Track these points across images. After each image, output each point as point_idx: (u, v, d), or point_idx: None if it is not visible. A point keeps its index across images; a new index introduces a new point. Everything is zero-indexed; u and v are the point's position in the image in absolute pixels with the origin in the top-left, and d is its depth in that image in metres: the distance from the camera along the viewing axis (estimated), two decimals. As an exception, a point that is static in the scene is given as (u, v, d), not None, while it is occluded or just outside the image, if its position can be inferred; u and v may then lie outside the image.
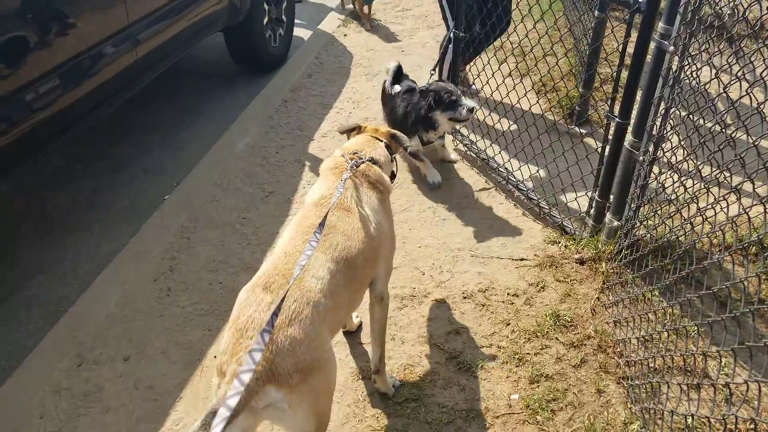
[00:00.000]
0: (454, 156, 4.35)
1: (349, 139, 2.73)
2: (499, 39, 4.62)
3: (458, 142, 4.45)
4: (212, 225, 3.64)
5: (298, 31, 6.33)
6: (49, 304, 3.20)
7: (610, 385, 2.65)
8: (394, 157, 2.68)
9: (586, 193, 3.52)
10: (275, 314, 1.66)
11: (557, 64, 3.97)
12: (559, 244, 3.48)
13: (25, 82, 2.96)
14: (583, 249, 3.37)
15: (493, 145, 4.22)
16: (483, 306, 3.09)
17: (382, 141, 2.62)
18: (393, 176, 2.68)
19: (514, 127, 4.25)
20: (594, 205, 3.41)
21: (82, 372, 2.74)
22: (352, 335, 2.93)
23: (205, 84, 5.46)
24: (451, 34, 4.17)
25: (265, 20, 5.35)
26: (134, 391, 2.66)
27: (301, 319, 1.83)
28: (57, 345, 2.86)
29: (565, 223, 3.56)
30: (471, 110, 3.82)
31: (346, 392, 2.66)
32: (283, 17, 5.71)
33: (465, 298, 3.15)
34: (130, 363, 2.79)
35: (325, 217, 2.04)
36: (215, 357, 2.76)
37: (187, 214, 3.71)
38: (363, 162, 2.44)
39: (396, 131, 2.71)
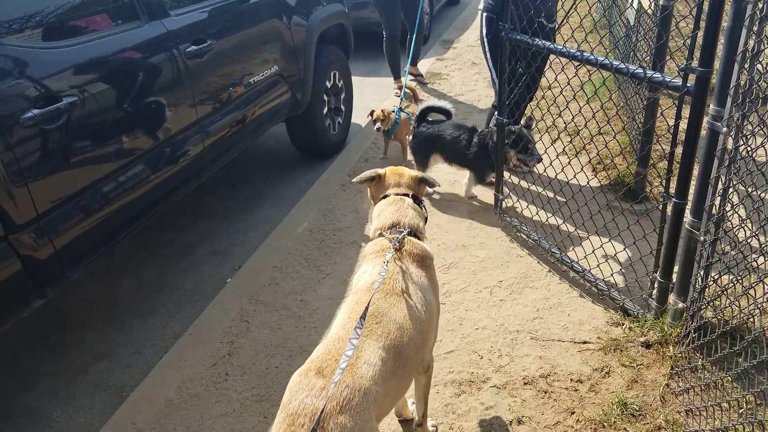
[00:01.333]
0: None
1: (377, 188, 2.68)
2: (550, 118, 4.70)
3: (507, 223, 4.42)
4: (271, 308, 3.69)
5: (356, 118, 6.59)
6: (113, 389, 3.29)
7: (686, 483, 2.46)
8: (422, 202, 2.65)
9: (647, 274, 3.40)
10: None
11: (615, 138, 3.95)
12: (623, 326, 3.34)
13: (100, 176, 3.18)
14: (648, 332, 3.22)
15: (545, 224, 4.18)
16: (545, 393, 2.96)
17: (408, 194, 2.58)
18: (425, 220, 2.65)
19: (568, 203, 4.20)
20: (656, 285, 3.29)
21: (140, 459, 2.76)
22: (408, 423, 2.85)
23: (269, 170, 5.71)
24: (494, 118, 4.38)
25: (325, 110, 5.61)
26: (190, 480, 2.65)
27: (351, 407, 1.81)
28: None
29: (626, 305, 3.43)
30: (539, 160, 4.37)
31: (403, 485, 2.56)
32: (342, 107, 5.98)
33: (526, 384, 3.03)
34: (187, 450, 2.80)
35: (367, 308, 2.03)
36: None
37: (247, 297, 3.79)
38: (403, 236, 2.40)
39: (425, 175, 2.69)
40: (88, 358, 3.51)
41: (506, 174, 4.59)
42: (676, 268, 3.11)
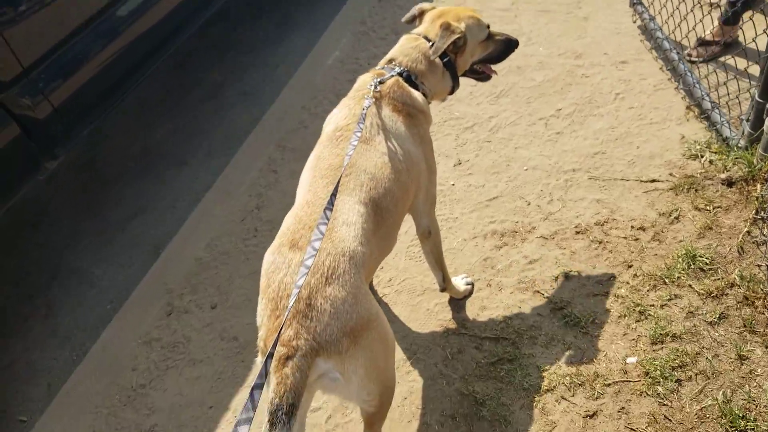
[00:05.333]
0: None
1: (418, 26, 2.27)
2: None
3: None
4: (299, 155, 3.40)
5: None
6: (149, 245, 3.23)
7: (755, 350, 2.12)
8: (449, 61, 2.15)
9: (749, 90, 2.78)
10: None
11: None
12: (702, 159, 2.81)
13: (91, 15, 2.82)
14: (732, 166, 2.69)
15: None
16: (600, 243, 2.61)
17: (429, 40, 2.13)
18: (452, 90, 2.23)
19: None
20: (753, 107, 2.68)
21: (171, 322, 2.74)
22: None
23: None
24: None
25: None
26: (219, 342, 2.61)
27: (338, 275, 1.58)
28: (150, 292, 2.89)
29: (723, 128, 2.85)
30: None
31: (434, 348, 2.40)
32: None
33: (578, 233, 2.67)
34: (217, 311, 2.74)
35: (337, 186, 1.70)
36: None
37: (274, 144, 3.51)
38: (391, 77, 2.03)
39: (450, 22, 2.10)
40: (125, 215, 3.44)
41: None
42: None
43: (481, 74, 2.36)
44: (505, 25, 3.95)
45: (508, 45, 2.33)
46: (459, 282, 2.52)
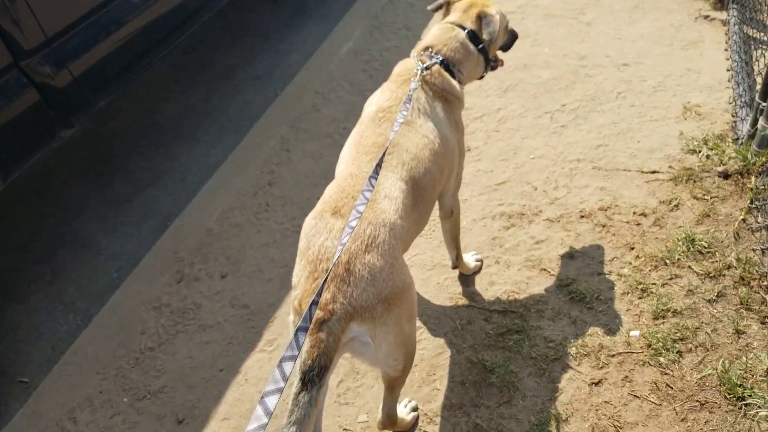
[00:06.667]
0: None
1: (444, 16, 2.37)
2: None
3: None
4: (312, 136, 3.48)
5: None
6: (158, 216, 3.27)
7: (752, 326, 2.24)
8: (483, 48, 2.26)
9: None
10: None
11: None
12: (700, 154, 2.95)
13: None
14: (728, 160, 2.83)
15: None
16: (603, 227, 2.72)
17: (465, 28, 2.23)
18: (482, 75, 2.34)
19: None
20: (755, 107, 2.82)
21: (182, 288, 2.78)
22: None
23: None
24: None
25: None
26: (230, 309, 2.66)
27: (378, 244, 1.65)
28: (159, 260, 2.93)
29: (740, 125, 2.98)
30: None
31: (443, 319, 2.48)
32: None
33: (582, 217, 2.78)
34: (227, 280, 2.79)
35: (382, 157, 1.77)
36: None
37: (288, 124, 3.58)
38: (433, 64, 2.12)
39: (488, 11, 2.23)
40: (135, 186, 3.48)
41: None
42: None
43: (494, 62, 2.45)
44: (513, 27, 4.08)
45: (514, 35, 2.49)
46: (469, 258, 2.60)
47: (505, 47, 2.49)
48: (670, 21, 4.04)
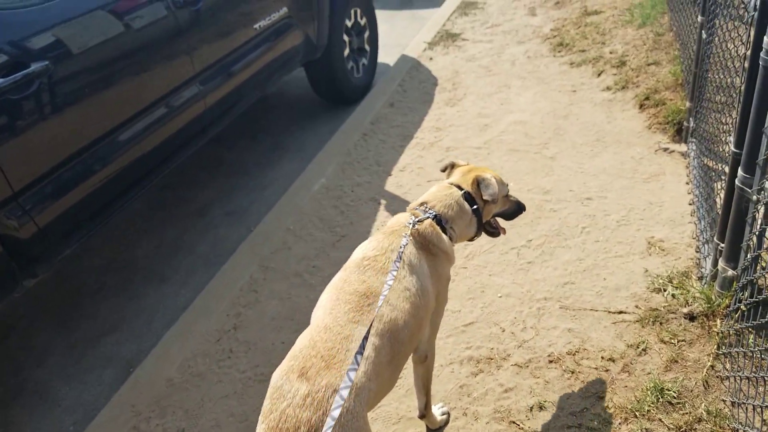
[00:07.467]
0: None
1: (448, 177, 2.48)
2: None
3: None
4: (281, 276, 3.48)
5: (384, 57, 6.14)
6: (121, 363, 3.19)
7: (728, 486, 2.14)
8: (477, 210, 2.32)
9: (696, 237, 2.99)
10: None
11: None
12: (665, 293, 2.96)
13: (84, 145, 2.97)
14: (693, 301, 2.83)
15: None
16: (572, 373, 2.66)
17: (462, 189, 2.31)
18: (473, 237, 2.39)
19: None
20: (713, 248, 2.87)
21: (137, 447, 2.65)
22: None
23: (291, 119, 5.39)
24: None
25: (347, 52, 5.19)
26: (186, 470, 2.53)
27: (341, 415, 1.58)
28: (116, 414, 2.81)
29: (703, 263, 3.02)
30: None
31: (408, 478, 2.36)
32: (366, 47, 5.53)
33: (551, 362, 2.73)
34: (185, 436, 2.67)
35: (370, 328, 1.76)
36: None
37: (257, 263, 3.59)
38: (426, 218, 2.18)
39: (485, 176, 2.33)
40: (100, 330, 3.42)
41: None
42: (727, 233, 2.69)
43: (494, 229, 2.53)
44: (479, 162, 4.23)
45: (519, 206, 2.55)
46: (435, 411, 2.52)
47: (508, 216, 2.56)
48: (631, 154, 4.20)
